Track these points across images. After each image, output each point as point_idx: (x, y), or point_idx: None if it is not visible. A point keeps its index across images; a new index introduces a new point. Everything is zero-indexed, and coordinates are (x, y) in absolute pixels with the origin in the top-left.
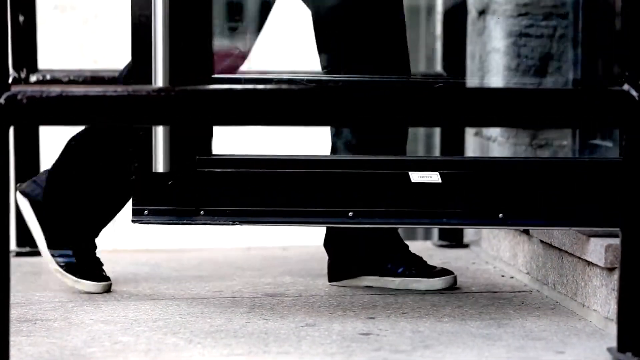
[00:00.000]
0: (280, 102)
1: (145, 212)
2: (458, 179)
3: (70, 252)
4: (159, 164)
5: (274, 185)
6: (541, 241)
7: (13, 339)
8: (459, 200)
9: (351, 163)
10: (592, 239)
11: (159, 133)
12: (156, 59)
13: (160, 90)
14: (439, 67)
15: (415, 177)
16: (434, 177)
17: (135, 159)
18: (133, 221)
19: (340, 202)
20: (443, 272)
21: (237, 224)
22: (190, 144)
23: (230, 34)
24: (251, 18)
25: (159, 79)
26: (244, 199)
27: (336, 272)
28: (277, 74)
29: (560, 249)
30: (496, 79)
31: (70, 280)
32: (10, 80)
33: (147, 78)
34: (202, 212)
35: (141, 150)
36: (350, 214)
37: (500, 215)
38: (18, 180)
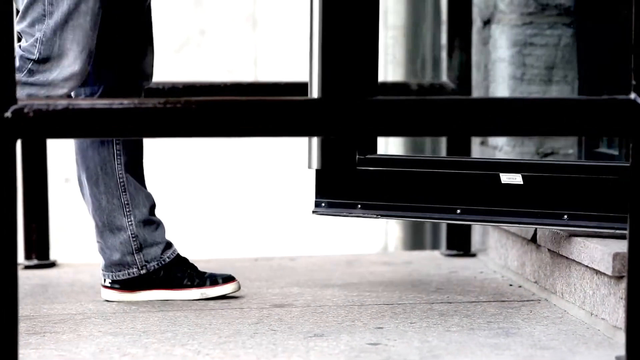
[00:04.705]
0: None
1: (323, 204)
2: (535, 181)
3: None
4: (313, 162)
5: (406, 182)
6: (549, 250)
7: (22, 351)
8: (534, 201)
9: (458, 164)
10: (600, 247)
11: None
12: (312, 69)
13: (166, 102)
14: (444, 77)
15: (505, 178)
16: (517, 179)
17: None
18: (313, 212)
19: (451, 199)
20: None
21: (379, 218)
22: (353, 144)
23: None
24: None
25: (314, 89)
26: (381, 195)
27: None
28: None
29: (567, 258)
30: (502, 88)
31: None
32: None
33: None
34: (359, 206)
35: None
36: (458, 210)
37: (565, 216)
38: (25, 193)
